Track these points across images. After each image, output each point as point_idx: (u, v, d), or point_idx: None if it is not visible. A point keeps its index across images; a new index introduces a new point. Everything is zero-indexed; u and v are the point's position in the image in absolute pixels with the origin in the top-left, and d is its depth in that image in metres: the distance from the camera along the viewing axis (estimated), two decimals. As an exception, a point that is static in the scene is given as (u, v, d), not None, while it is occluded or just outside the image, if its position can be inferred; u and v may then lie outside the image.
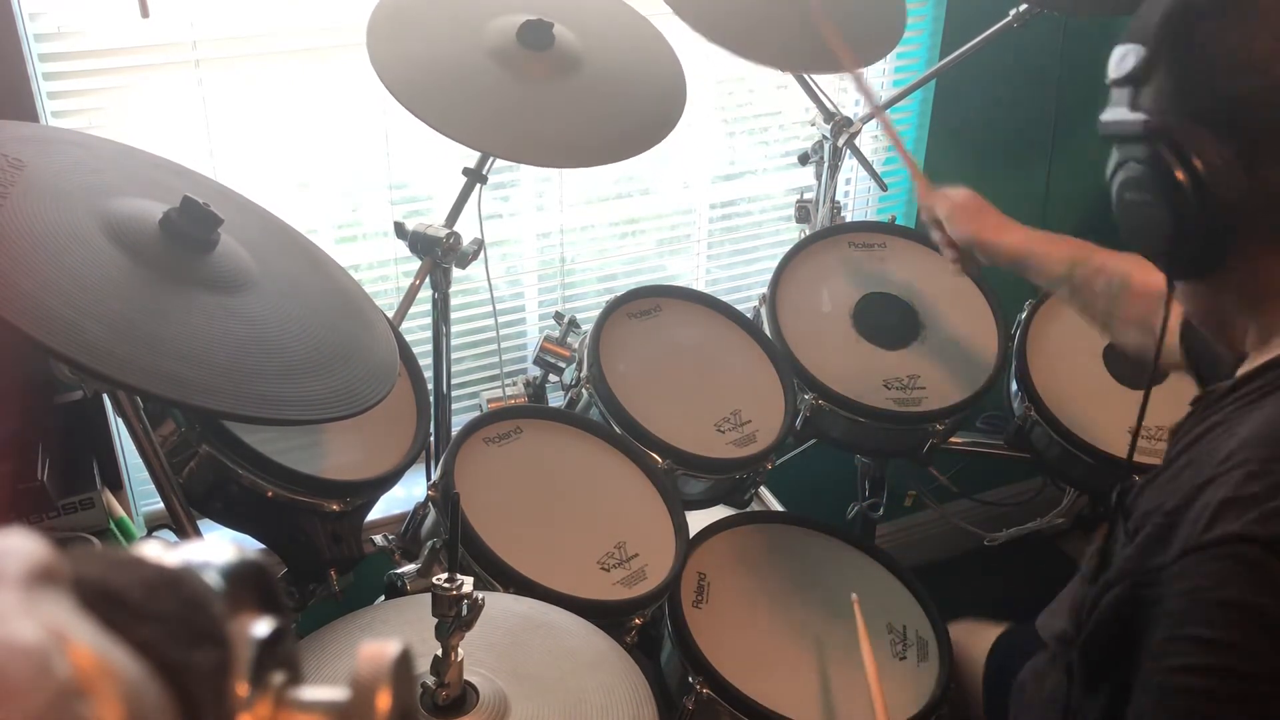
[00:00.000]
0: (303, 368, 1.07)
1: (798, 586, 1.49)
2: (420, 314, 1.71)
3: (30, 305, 0.90)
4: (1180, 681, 0.75)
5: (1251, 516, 0.73)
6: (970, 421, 1.73)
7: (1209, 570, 0.74)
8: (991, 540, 1.84)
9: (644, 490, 1.42)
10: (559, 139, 1.39)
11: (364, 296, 1.30)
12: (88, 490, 1.35)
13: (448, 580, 0.93)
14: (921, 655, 1.43)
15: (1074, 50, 2.10)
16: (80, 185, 1.07)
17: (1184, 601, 0.75)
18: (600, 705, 0.99)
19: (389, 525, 1.55)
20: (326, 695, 0.35)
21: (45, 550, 0.30)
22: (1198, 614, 0.74)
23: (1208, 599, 0.74)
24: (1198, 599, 0.74)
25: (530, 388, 1.67)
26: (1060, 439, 1.57)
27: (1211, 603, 0.74)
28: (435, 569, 1.24)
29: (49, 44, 1.46)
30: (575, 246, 1.97)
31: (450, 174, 1.54)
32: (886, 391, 1.61)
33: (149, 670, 0.30)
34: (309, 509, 1.24)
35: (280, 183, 1.67)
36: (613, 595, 1.29)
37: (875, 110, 1.63)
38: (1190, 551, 0.75)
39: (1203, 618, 0.74)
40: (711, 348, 1.62)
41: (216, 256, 1.10)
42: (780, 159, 2.08)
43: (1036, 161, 2.24)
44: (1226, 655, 0.73)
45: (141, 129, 1.53)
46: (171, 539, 1.12)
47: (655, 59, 1.53)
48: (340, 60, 1.62)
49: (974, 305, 1.71)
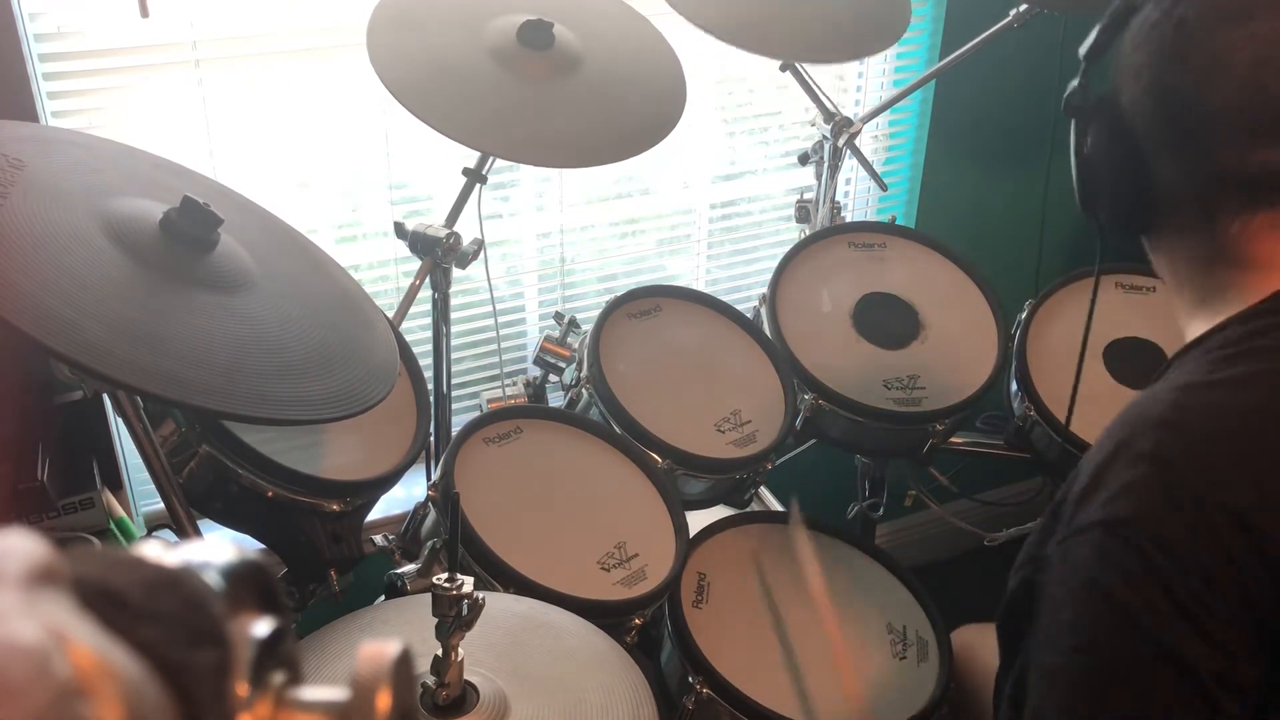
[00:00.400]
0: (303, 368, 1.07)
1: (798, 586, 1.49)
2: (420, 314, 1.71)
3: (30, 305, 0.90)
4: (1051, 661, 0.79)
5: (1100, 499, 0.77)
6: (970, 421, 1.73)
7: (1071, 555, 0.78)
8: (991, 540, 1.83)
9: (644, 490, 1.42)
10: (559, 139, 1.39)
11: (364, 296, 1.30)
12: (88, 490, 1.35)
13: (448, 580, 0.93)
14: (921, 655, 1.43)
15: (1074, 50, 2.10)
16: (80, 185, 1.07)
17: (1054, 586, 0.79)
18: (600, 705, 0.99)
19: (389, 525, 1.55)
20: (326, 695, 0.35)
21: (45, 550, 0.30)
22: (1061, 597, 0.79)
23: (1069, 583, 0.78)
24: (1062, 583, 0.79)
25: (530, 388, 1.67)
26: (1060, 439, 1.57)
27: (1072, 586, 0.78)
28: (435, 569, 1.24)
29: (49, 44, 1.46)
30: (575, 246, 1.97)
31: (450, 174, 1.54)
32: (886, 391, 1.61)
33: (149, 670, 0.30)
34: (309, 509, 1.24)
35: (280, 183, 1.67)
36: (613, 595, 1.29)
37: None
38: (1063, 539, 0.80)
39: (1066, 600, 0.78)
40: (711, 348, 1.62)
41: (216, 256, 1.10)
42: (780, 159, 2.08)
43: (1036, 161, 2.24)
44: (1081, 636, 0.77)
45: (141, 129, 1.53)
46: (171, 539, 1.12)
47: (655, 59, 1.53)
48: (340, 60, 1.62)
49: (974, 305, 1.71)
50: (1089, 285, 1.73)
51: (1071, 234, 2.38)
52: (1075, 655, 0.77)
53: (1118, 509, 0.76)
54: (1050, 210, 2.21)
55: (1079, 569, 0.77)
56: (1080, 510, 0.79)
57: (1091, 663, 0.76)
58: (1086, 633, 0.77)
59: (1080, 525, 0.78)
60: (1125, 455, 0.78)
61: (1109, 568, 0.76)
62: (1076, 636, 0.77)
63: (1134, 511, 0.76)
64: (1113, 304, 1.70)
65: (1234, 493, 0.75)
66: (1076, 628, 0.77)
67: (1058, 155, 2.20)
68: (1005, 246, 2.22)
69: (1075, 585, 0.78)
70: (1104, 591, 0.76)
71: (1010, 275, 1.93)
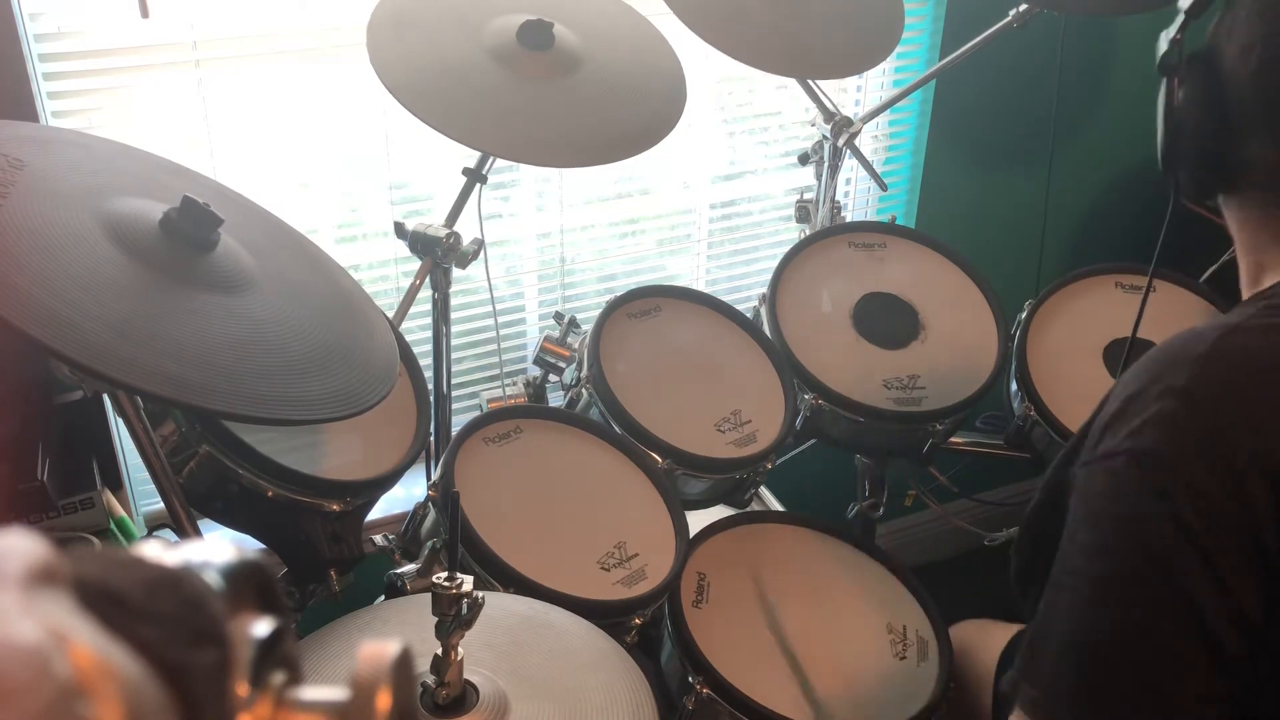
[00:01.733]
0: (303, 368, 1.07)
1: (798, 586, 1.49)
2: (420, 314, 1.71)
3: (30, 305, 0.90)
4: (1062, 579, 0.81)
5: (1127, 428, 0.79)
6: (970, 421, 1.73)
7: (1093, 481, 0.80)
8: (991, 540, 1.83)
9: (644, 490, 1.42)
10: (559, 139, 1.39)
11: (364, 296, 1.30)
12: (88, 490, 1.35)
13: (448, 580, 0.93)
14: (921, 655, 1.43)
15: (1074, 50, 2.10)
16: (80, 185, 1.07)
17: (1076, 508, 0.82)
18: (600, 705, 0.99)
19: (389, 525, 1.56)
20: (326, 695, 0.35)
21: (45, 550, 0.30)
22: (1079, 518, 0.81)
23: (1088, 506, 0.80)
24: (1082, 503, 0.81)
25: (530, 388, 1.67)
26: (1060, 439, 1.57)
27: (1090, 510, 0.80)
28: (435, 569, 1.24)
29: (49, 44, 1.46)
30: (575, 246, 1.97)
31: (450, 174, 1.54)
32: (886, 391, 1.61)
33: (149, 670, 0.30)
34: (309, 509, 1.24)
35: (280, 183, 1.67)
36: (613, 595, 1.29)
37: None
38: (1086, 462, 0.82)
39: (1082, 522, 0.81)
40: (711, 348, 1.62)
41: (216, 256, 1.10)
42: (780, 159, 2.08)
43: (1036, 161, 2.24)
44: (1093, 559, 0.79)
45: (141, 129, 1.53)
46: (171, 539, 1.12)
47: (655, 59, 1.53)
48: (340, 60, 1.62)
49: (974, 305, 1.71)
50: (1089, 285, 1.74)
51: (1071, 234, 2.38)
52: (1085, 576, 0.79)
53: (1142, 440, 0.77)
54: (1050, 210, 2.21)
55: (1099, 495, 0.79)
56: (1106, 436, 0.80)
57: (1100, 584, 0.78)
58: (1098, 557, 0.78)
59: (1105, 451, 0.79)
60: (1157, 387, 0.79)
61: (1124, 496, 0.77)
62: (1088, 559, 0.79)
63: (1157, 444, 0.77)
64: (1113, 304, 1.70)
65: (1260, 438, 0.75)
66: (1088, 550, 0.79)
67: (1058, 155, 2.20)
68: (1005, 246, 2.22)
69: (1093, 510, 0.79)
70: (1116, 517, 0.78)
71: (1010, 275, 1.93)
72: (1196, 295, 1.70)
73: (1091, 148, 2.31)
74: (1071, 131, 2.24)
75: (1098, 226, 2.40)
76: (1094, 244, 2.37)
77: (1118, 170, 2.37)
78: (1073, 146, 2.27)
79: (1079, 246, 2.38)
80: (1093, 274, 1.73)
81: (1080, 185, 2.34)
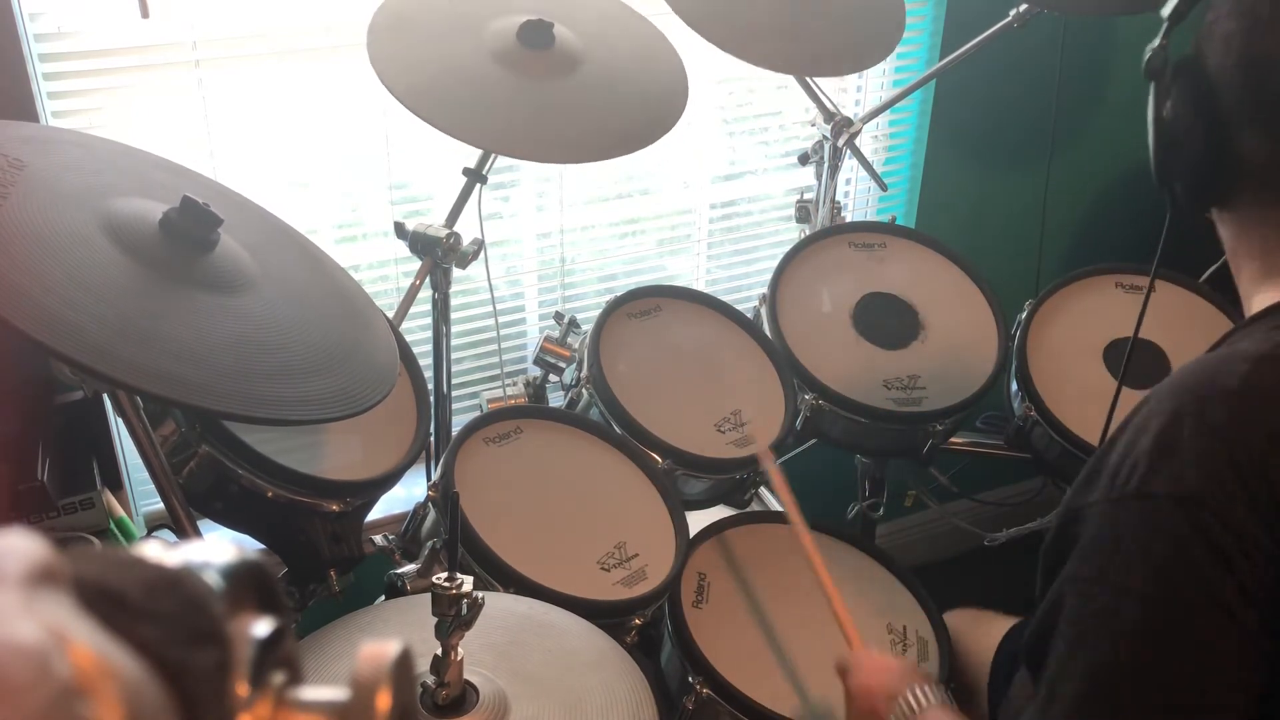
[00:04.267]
0: (303, 368, 1.07)
1: (798, 586, 1.48)
2: (420, 314, 1.71)
3: (30, 305, 0.90)
4: (1091, 622, 0.78)
5: (1166, 469, 0.76)
6: (970, 421, 1.73)
7: (1126, 520, 0.78)
8: (991, 540, 1.83)
9: (644, 490, 1.42)
10: (560, 136, 1.38)
11: (364, 297, 1.30)
12: (88, 490, 1.35)
13: (448, 580, 0.93)
14: (921, 655, 1.43)
15: (1074, 50, 2.10)
16: (80, 185, 1.07)
17: (1100, 544, 0.79)
18: (600, 705, 0.99)
19: (389, 525, 1.56)
20: (326, 695, 0.35)
21: (45, 550, 0.30)
22: (1111, 556, 0.78)
23: (1120, 547, 0.78)
24: (1110, 544, 0.78)
25: (530, 388, 1.67)
26: (1060, 439, 1.57)
27: (1122, 551, 0.77)
28: (435, 569, 1.24)
29: (49, 44, 1.46)
30: (575, 246, 1.97)
31: (450, 174, 1.54)
32: (886, 391, 1.61)
33: (149, 670, 0.30)
34: (309, 509, 1.24)
35: (280, 183, 1.67)
36: (613, 595, 1.29)
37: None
38: (1117, 499, 0.79)
39: (1118, 563, 0.77)
40: (711, 348, 1.62)
41: (216, 256, 1.10)
42: (780, 159, 2.08)
43: (1036, 161, 2.24)
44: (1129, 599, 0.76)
45: (141, 129, 1.53)
46: (171, 539, 1.12)
47: (655, 59, 1.53)
48: (340, 60, 1.62)
49: (974, 305, 1.71)
50: (1089, 285, 1.74)
51: (1071, 234, 2.38)
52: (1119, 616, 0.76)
53: (1185, 483, 0.75)
54: (1050, 210, 2.21)
55: (1134, 535, 0.77)
56: (1141, 473, 0.77)
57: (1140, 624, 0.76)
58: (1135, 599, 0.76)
59: (1143, 491, 0.77)
60: (1192, 422, 0.77)
61: (1168, 539, 0.75)
62: (1120, 599, 0.76)
63: (1200, 486, 0.75)
64: (1113, 303, 1.70)
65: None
66: (1122, 591, 0.76)
67: (1058, 155, 2.20)
68: (1005, 246, 2.22)
69: (1126, 549, 0.77)
70: (1160, 558, 0.75)
71: (1010, 275, 1.92)
72: (1197, 295, 1.70)
73: (1091, 148, 2.31)
74: (1071, 131, 2.24)
75: (1097, 226, 2.40)
76: (1094, 244, 2.37)
77: (1118, 170, 2.37)
78: (1073, 146, 2.27)
79: (1079, 247, 2.38)
80: (1093, 274, 1.73)
81: (1080, 185, 2.34)
